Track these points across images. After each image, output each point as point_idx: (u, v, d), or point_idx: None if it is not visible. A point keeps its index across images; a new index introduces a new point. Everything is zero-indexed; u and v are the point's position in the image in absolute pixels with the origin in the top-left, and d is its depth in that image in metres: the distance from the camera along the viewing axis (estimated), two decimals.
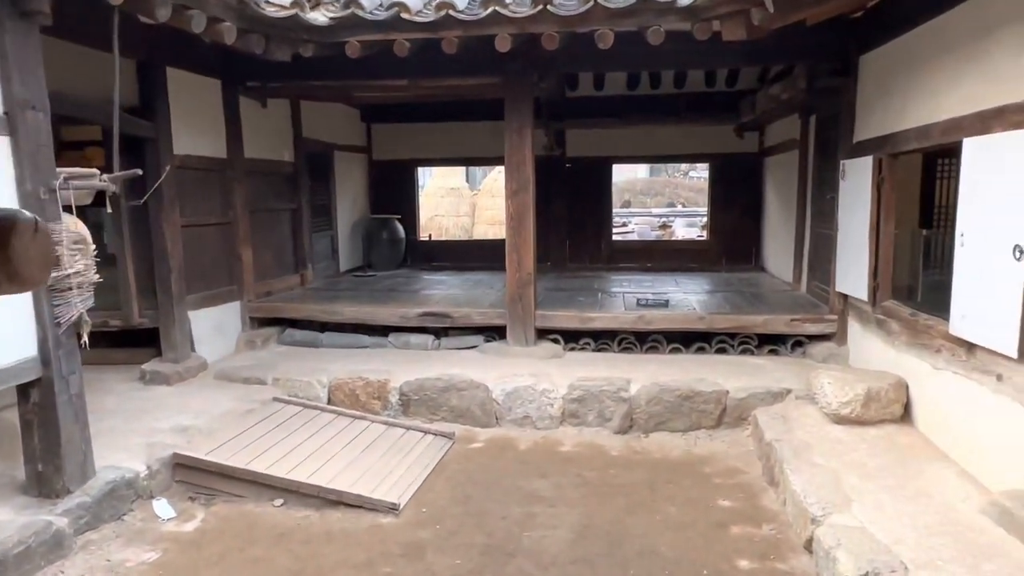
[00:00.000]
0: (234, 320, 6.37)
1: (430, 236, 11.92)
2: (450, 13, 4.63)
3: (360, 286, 7.84)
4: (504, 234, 6.00)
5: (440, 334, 6.26)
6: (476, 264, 9.21)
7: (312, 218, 7.88)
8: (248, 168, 6.47)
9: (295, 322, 6.60)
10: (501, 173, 5.99)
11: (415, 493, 3.99)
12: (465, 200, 16.59)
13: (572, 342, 6.04)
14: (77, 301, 3.44)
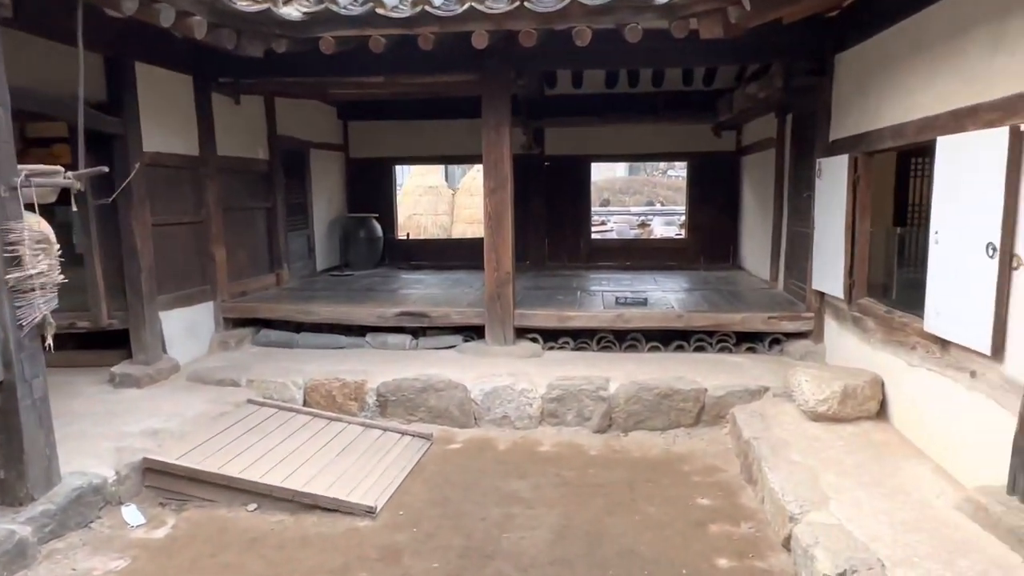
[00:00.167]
0: (207, 321, 6.26)
1: (408, 235, 11.85)
2: (426, 9, 4.58)
3: (337, 285, 7.75)
4: (483, 233, 5.96)
5: (418, 334, 6.21)
6: (455, 263, 9.16)
7: (288, 217, 7.78)
8: (221, 166, 6.36)
9: (270, 322, 6.50)
10: (480, 171, 5.94)
11: (392, 495, 3.93)
12: (444, 199, 16.51)
13: (551, 341, 6.01)
14: (40, 302, 3.34)
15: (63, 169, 3.51)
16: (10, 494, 3.34)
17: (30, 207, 3.33)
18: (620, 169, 25.41)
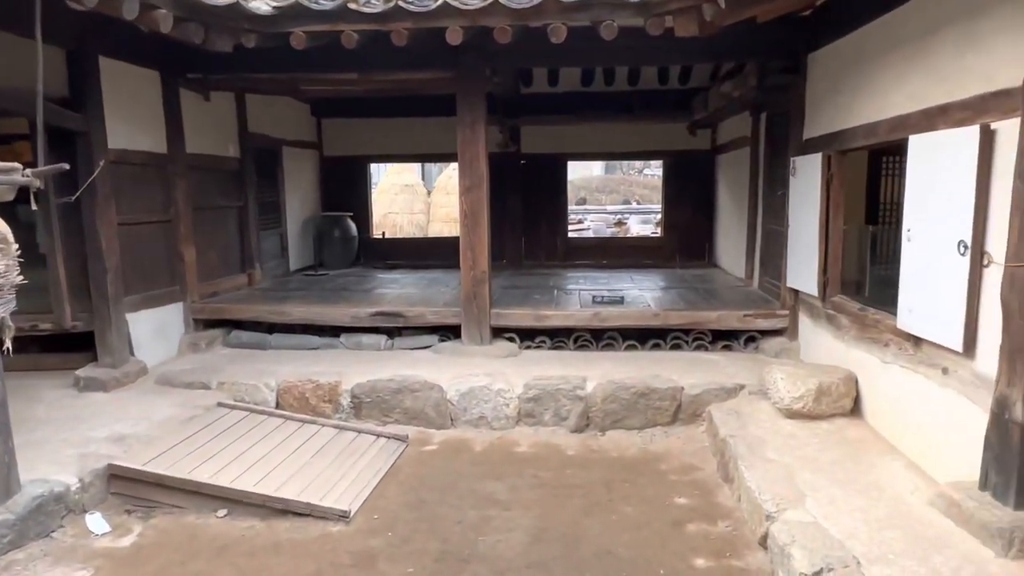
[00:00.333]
0: (176, 322, 6.11)
1: (384, 234, 11.70)
2: (399, 4, 4.51)
3: (311, 285, 7.64)
4: (459, 232, 5.90)
5: (393, 334, 6.13)
6: (431, 262, 9.08)
7: (260, 215, 7.64)
8: (190, 163, 6.22)
9: (242, 323, 6.37)
10: (456, 170, 5.88)
11: (367, 499, 3.86)
12: (420, 197, 16.37)
13: (528, 340, 5.98)
14: None
15: (20, 166, 3.38)
16: None
17: None
18: (597, 168, 25.45)
